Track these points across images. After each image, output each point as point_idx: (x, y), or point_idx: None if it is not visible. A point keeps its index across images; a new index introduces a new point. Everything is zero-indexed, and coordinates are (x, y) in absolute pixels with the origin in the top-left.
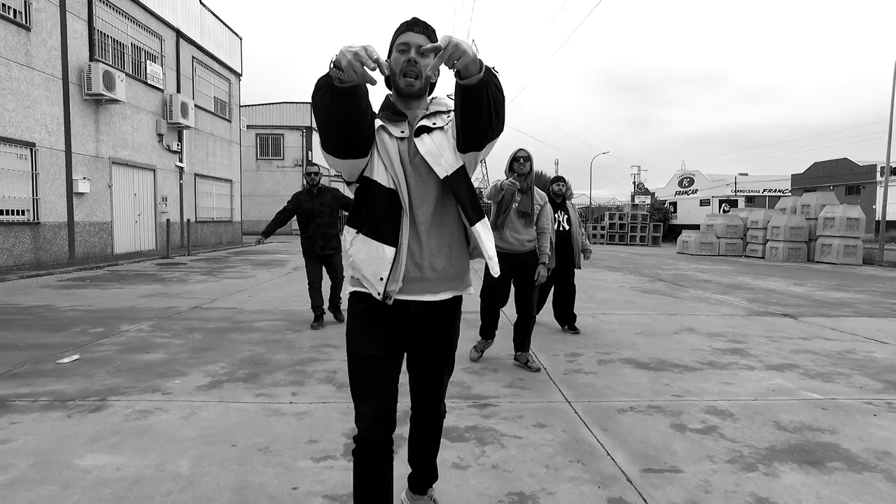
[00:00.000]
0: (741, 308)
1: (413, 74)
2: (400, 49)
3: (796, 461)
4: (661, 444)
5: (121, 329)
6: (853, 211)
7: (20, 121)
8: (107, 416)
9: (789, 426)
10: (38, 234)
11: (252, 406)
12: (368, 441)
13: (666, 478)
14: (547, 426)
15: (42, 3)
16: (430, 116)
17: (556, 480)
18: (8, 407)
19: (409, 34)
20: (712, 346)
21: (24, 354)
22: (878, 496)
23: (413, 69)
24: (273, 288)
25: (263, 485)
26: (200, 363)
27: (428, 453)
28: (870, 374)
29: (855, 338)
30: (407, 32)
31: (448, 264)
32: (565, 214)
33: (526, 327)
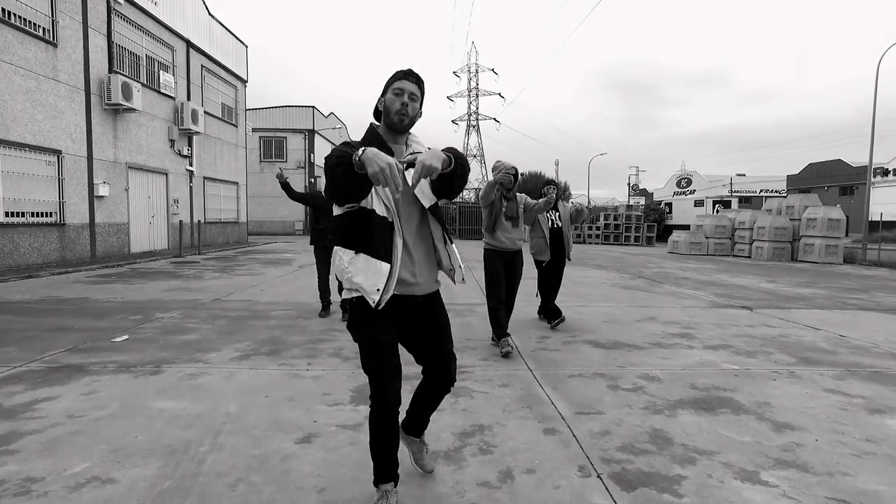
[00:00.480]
0: (706, 301)
1: (404, 113)
2: (395, 92)
3: (694, 408)
4: (595, 397)
5: (156, 316)
6: (834, 212)
7: (48, 130)
8: (164, 378)
9: (700, 387)
10: (63, 234)
11: (276, 372)
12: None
13: (590, 417)
14: (509, 386)
15: (67, 20)
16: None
17: (508, 418)
18: (86, 371)
19: (404, 82)
20: (665, 331)
21: (82, 335)
22: (744, 428)
23: (404, 110)
24: (282, 284)
25: (292, 419)
26: (229, 342)
27: (431, 409)
28: (789, 353)
29: (795, 325)
30: (402, 80)
31: (429, 272)
32: (557, 213)
33: (509, 313)
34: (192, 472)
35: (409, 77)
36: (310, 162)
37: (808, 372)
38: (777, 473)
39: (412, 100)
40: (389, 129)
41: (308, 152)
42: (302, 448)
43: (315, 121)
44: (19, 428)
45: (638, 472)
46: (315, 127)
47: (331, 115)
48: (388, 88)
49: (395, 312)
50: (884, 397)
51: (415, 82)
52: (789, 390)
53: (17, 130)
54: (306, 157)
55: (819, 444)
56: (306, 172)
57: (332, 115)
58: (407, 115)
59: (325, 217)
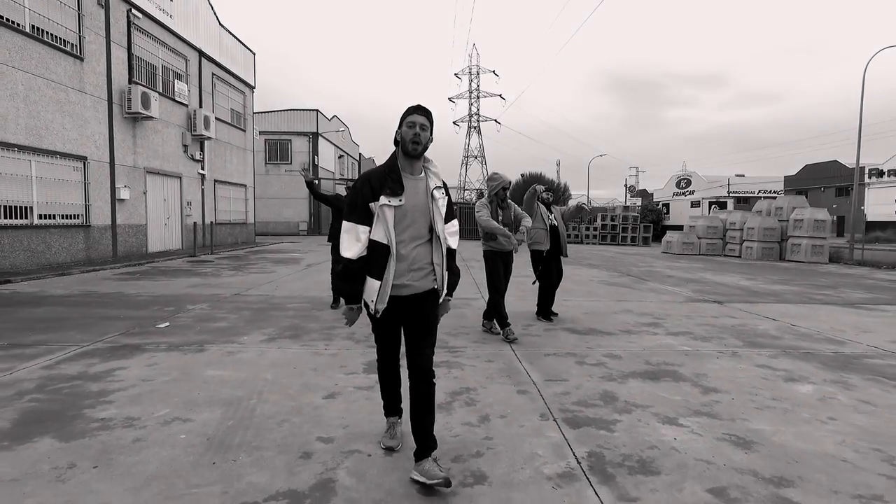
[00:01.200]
0: (682, 296)
1: (417, 142)
2: (408, 125)
3: (642, 378)
4: (563, 370)
5: (187, 308)
6: (820, 213)
7: (76, 138)
8: (208, 354)
9: (653, 363)
10: (89, 235)
11: (300, 350)
12: (386, 361)
13: (556, 383)
14: (493, 361)
15: (92, 35)
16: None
17: (490, 383)
18: (143, 349)
19: (415, 115)
20: (637, 321)
21: (129, 322)
22: (677, 391)
23: (417, 139)
24: (294, 280)
25: (317, 383)
26: (256, 328)
27: (427, 418)
28: (740, 338)
29: (755, 317)
30: (413, 114)
31: (425, 277)
32: (551, 214)
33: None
34: (247, 416)
35: (418, 111)
36: (313, 164)
37: (749, 352)
38: (691, 419)
39: (423, 129)
40: (406, 156)
41: (312, 154)
42: (328, 402)
43: (319, 124)
44: (107, 387)
45: (584, 418)
46: (319, 130)
47: (334, 118)
48: (402, 122)
49: (398, 306)
50: (803, 370)
51: (423, 115)
52: (726, 365)
53: (49, 139)
54: (310, 159)
55: (733, 402)
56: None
57: (336, 118)
58: (420, 142)
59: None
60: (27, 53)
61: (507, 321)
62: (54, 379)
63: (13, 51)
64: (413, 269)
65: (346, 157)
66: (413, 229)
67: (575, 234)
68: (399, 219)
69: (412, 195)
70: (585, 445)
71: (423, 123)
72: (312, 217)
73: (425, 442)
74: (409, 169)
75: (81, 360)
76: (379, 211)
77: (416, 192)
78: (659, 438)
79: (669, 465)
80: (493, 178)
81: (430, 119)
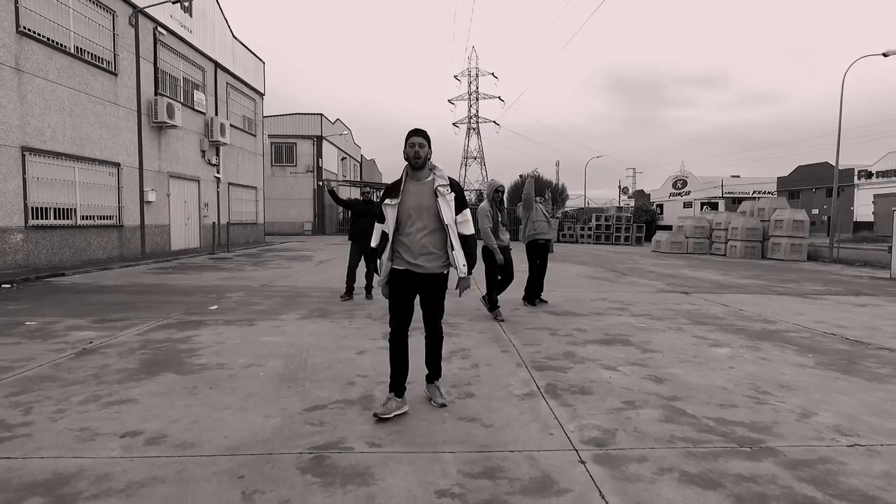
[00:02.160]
0: (655, 288)
1: (417, 157)
2: (409, 145)
3: (599, 344)
4: (539, 339)
5: (226, 295)
6: (798, 214)
7: (110, 146)
8: (258, 328)
9: (611, 333)
10: (121, 234)
11: (329, 324)
12: (396, 331)
13: (531, 346)
14: (484, 333)
15: (124, 52)
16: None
17: (480, 346)
18: (206, 324)
19: (413, 137)
20: (609, 306)
21: (185, 305)
22: (623, 351)
23: (417, 154)
24: (310, 274)
25: (349, 345)
26: (289, 310)
27: (435, 359)
28: (690, 318)
29: (712, 303)
30: (412, 137)
31: (430, 262)
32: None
33: (505, 286)
34: (302, 364)
35: (416, 133)
36: (318, 166)
37: (692, 328)
38: (626, 367)
39: (420, 147)
40: (411, 167)
41: (316, 157)
42: (358, 356)
43: (323, 127)
44: (193, 347)
45: (548, 365)
46: (323, 133)
47: (337, 121)
48: (406, 143)
49: (406, 278)
50: (728, 340)
51: (420, 135)
52: (668, 336)
53: (89, 148)
54: (314, 161)
55: (662, 358)
56: (315, 176)
57: (339, 122)
58: (419, 157)
59: (364, 218)
60: (72, 72)
61: (498, 306)
62: (150, 341)
63: (60, 70)
64: (423, 253)
65: (348, 158)
66: (420, 222)
67: (570, 234)
68: (405, 216)
69: (416, 196)
70: (545, 380)
71: (421, 142)
72: (317, 217)
73: (434, 372)
74: (414, 177)
75: (163, 331)
76: (385, 209)
77: (420, 193)
78: (598, 377)
79: (600, 390)
80: (491, 183)
81: (426, 137)
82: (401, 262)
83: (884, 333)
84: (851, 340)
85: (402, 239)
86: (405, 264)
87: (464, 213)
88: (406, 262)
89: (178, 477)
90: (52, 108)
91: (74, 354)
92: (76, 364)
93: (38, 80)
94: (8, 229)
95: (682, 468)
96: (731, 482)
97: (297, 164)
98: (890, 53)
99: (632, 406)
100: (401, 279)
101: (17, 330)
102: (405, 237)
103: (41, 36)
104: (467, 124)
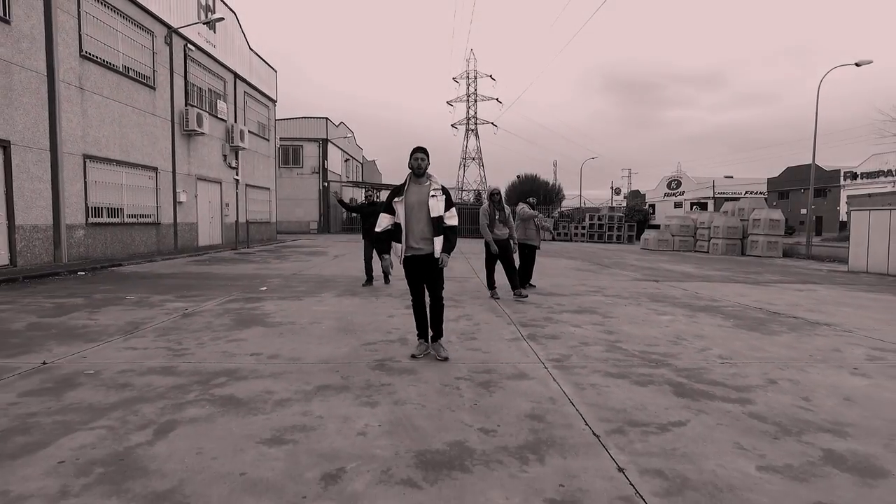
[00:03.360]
0: (631, 278)
1: (419, 167)
2: (413, 159)
3: (572, 312)
4: (525, 309)
5: (268, 281)
6: (775, 213)
7: (150, 153)
8: (307, 302)
9: (583, 307)
10: (158, 231)
11: (361, 301)
12: (416, 301)
13: (519, 314)
14: (483, 306)
15: (161, 69)
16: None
17: (480, 313)
18: (264, 299)
19: (416, 154)
20: (587, 289)
21: (238, 287)
22: (589, 318)
23: (419, 166)
24: (330, 266)
25: (380, 311)
26: (325, 290)
27: (438, 321)
28: (650, 298)
29: (674, 288)
30: (415, 153)
31: (427, 245)
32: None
33: (513, 276)
34: (349, 322)
35: (419, 151)
36: (323, 168)
37: (649, 304)
38: (588, 326)
39: (421, 160)
40: (414, 175)
41: (322, 159)
42: (390, 318)
43: (328, 130)
44: (263, 313)
45: (531, 324)
46: (328, 136)
47: (341, 124)
48: (410, 157)
49: (413, 262)
50: (673, 311)
51: (422, 152)
52: (628, 308)
53: (134, 154)
54: (320, 163)
55: (618, 321)
56: (320, 177)
57: (343, 125)
58: (421, 168)
59: (371, 218)
60: (120, 88)
61: (494, 286)
62: (229, 310)
63: (112, 87)
64: (421, 238)
65: (351, 160)
66: (418, 216)
67: (565, 233)
68: (409, 210)
69: (416, 195)
70: (527, 331)
71: (422, 157)
72: (322, 217)
73: (437, 333)
74: (416, 181)
75: (234, 303)
76: (395, 205)
77: (420, 194)
78: (566, 331)
79: (566, 337)
80: (490, 188)
81: (426, 153)
82: (407, 250)
83: (801, 308)
84: (772, 312)
85: (407, 229)
86: (410, 251)
87: (450, 210)
88: (411, 248)
89: (299, 370)
90: (105, 120)
91: (180, 316)
92: (187, 322)
93: (96, 96)
94: (74, 226)
95: (606, 370)
96: (634, 376)
97: (303, 166)
98: (862, 63)
99: (585, 345)
100: (409, 265)
101: (123, 302)
102: (409, 227)
103: (97, 58)
104: (465, 125)
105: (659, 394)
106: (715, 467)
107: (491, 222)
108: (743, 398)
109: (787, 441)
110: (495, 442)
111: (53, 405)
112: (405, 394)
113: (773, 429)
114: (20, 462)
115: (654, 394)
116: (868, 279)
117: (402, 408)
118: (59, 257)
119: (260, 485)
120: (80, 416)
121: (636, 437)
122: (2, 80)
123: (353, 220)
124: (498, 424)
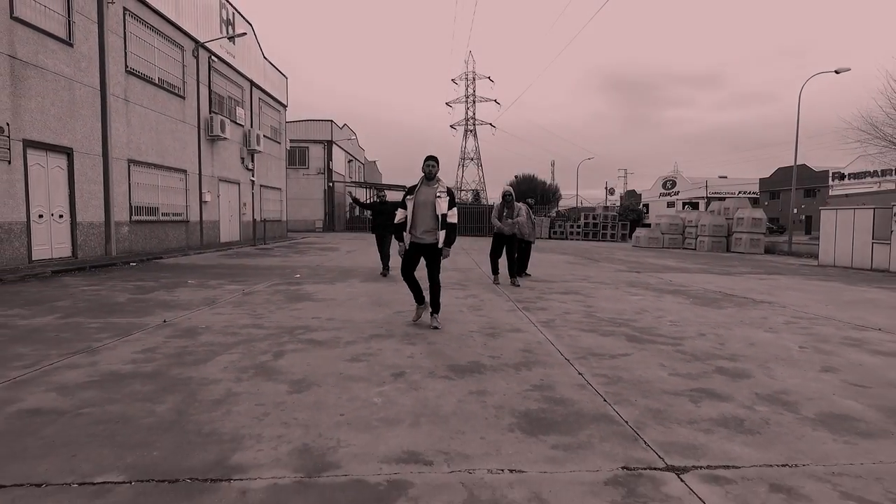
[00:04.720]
0: (615, 269)
1: (430, 174)
2: (426, 165)
3: (560, 294)
4: (521, 292)
5: (298, 270)
6: (757, 213)
7: (180, 156)
8: (340, 286)
9: (569, 290)
10: (187, 228)
11: (383, 285)
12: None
13: (516, 295)
14: (487, 289)
15: (190, 79)
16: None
17: (483, 293)
18: (301, 283)
19: (429, 161)
20: (574, 278)
21: (276, 275)
22: (574, 299)
23: (430, 170)
24: (346, 260)
25: (398, 291)
26: (349, 278)
27: (436, 299)
28: (629, 284)
29: (651, 277)
30: (427, 161)
31: (431, 236)
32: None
33: (512, 266)
34: (378, 297)
35: (430, 159)
36: (328, 169)
37: (626, 288)
38: (572, 303)
39: (432, 167)
40: (426, 178)
41: (327, 160)
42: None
43: (332, 132)
44: (306, 292)
45: (526, 302)
46: (332, 138)
47: (345, 126)
48: (424, 163)
49: (416, 248)
50: (644, 293)
51: (433, 160)
52: (607, 291)
53: (167, 158)
54: (325, 164)
55: (596, 300)
56: (325, 178)
57: (346, 127)
58: (432, 172)
59: (381, 216)
60: (157, 98)
61: (498, 273)
62: (278, 291)
63: (149, 98)
64: (425, 231)
65: (354, 161)
66: (425, 212)
67: (560, 231)
68: (418, 206)
69: (425, 195)
70: (522, 305)
71: (433, 164)
72: (327, 216)
73: (434, 308)
74: (426, 184)
75: (279, 286)
76: (407, 202)
77: (428, 194)
78: (554, 305)
79: (553, 309)
80: (505, 189)
81: (437, 161)
82: (413, 238)
83: (755, 291)
84: (727, 294)
85: (414, 220)
86: (416, 239)
87: (452, 210)
88: (415, 236)
89: (353, 326)
90: (145, 128)
91: (242, 294)
92: (250, 298)
93: (138, 107)
94: (121, 223)
95: (580, 328)
96: (601, 331)
97: (308, 167)
98: (841, 71)
99: (567, 314)
100: (412, 250)
101: (187, 285)
102: (416, 219)
103: (139, 72)
104: (464, 126)
105: (616, 341)
106: (641, 373)
107: (499, 217)
108: (676, 343)
109: (695, 363)
110: (499, 362)
111: (193, 344)
112: (434, 338)
113: (689, 357)
114: (201, 367)
115: (613, 341)
116: (832, 272)
117: (434, 345)
118: (108, 251)
119: (355, 377)
120: (218, 349)
121: (594, 362)
122: (66, 95)
123: (356, 219)
124: (501, 354)
